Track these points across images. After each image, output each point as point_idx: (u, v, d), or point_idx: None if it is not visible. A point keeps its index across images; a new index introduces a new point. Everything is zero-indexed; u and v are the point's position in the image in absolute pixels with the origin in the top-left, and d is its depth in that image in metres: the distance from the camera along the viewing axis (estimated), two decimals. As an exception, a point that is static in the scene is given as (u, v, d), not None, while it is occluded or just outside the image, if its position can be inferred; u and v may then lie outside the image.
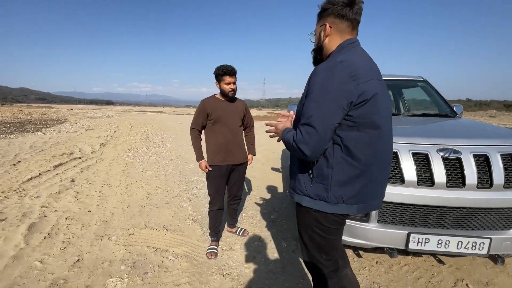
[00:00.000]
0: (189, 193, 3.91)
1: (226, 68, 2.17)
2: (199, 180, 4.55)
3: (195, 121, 2.29)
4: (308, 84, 1.08)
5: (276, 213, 3.21)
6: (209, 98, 2.32)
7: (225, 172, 2.34)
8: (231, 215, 2.65)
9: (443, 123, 2.44)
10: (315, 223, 1.15)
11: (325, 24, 1.13)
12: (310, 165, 1.11)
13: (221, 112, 2.25)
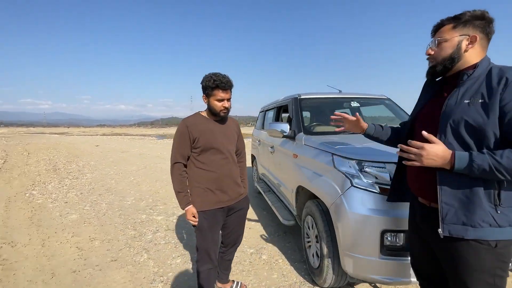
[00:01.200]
0: (141, 240, 2.99)
1: (219, 80, 1.58)
2: (150, 220, 3.61)
3: (177, 152, 1.65)
4: (505, 92, 0.92)
5: (267, 251, 2.72)
6: (192, 118, 1.69)
7: (221, 218, 1.74)
8: (224, 267, 2.01)
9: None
10: (499, 262, 0.97)
11: (474, 36, 1.03)
12: (494, 188, 0.95)
13: (211, 136, 1.67)
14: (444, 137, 1.01)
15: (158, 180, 6.07)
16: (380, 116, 3.53)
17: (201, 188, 1.67)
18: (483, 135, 0.94)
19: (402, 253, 1.58)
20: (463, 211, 0.97)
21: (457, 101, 1.02)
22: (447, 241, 1.02)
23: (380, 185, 1.64)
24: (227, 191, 1.72)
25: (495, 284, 0.99)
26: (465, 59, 1.05)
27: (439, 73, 1.12)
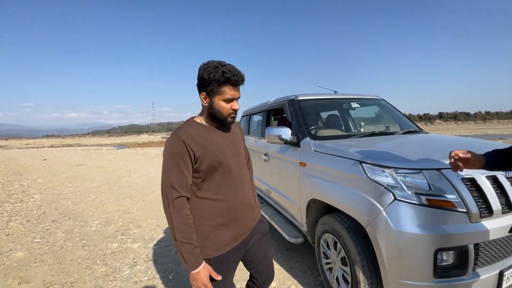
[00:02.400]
0: (116, 279, 2.40)
1: (230, 72, 1.11)
2: (124, 250, 3.00)
3: (174, 182, 1.08)
4: None
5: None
6: (187, 128, 1.17)
7: (238, 258, 1.30)
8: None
9: (438, 139, 2.38)
10: None
11: None
12: None
13: (217, 151, 1.18)
14: None
15: (126, 197, 5.31)
16: (374, 117, 3.43)
17: (211, 226, 1.17)
18: None
19: (455, 273, 1.36)
20: None
21: None
22: None
23: (426, 196, 1.41)
24: (243, 221, 1.28)
25: None
26: None
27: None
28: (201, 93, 1.18)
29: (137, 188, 6.17)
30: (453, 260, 1.36)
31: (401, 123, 2.96)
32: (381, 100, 3.22)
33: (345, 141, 2.23)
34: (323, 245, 2.03)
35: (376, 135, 2.47)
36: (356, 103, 2.99)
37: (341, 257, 1.80)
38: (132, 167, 9.91)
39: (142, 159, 12.99)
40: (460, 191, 1.39)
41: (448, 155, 1.19)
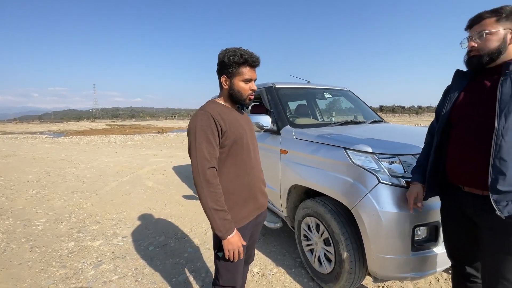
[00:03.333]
0: (80, 280, 2.13)
1: (248, 54, 1.21)
2: (84, 249, 2.68)
3: (206, 153, 1.12)
4: None
5: (255, 261, 2.36)
6: (212, 105, 1.23)
7: (249, 233, 1.35)
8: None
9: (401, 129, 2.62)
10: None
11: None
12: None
13: (240, 129, 1.25)
14: (504, 122, 1.03)
15: (75, 191, 4.72)
16: (341, 108, 3.64)
17: (233, 200, 1.24)
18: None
19: (428, 246, 1.55)
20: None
21: (509, 92, 1.04)
22: (502, 221, 1.06)
23: (404, 179, 1.56)
24: (258, 197, 1.35)
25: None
26: (509, 51, 1.09)
27: (484, 63, 1.13)
28: (222, 76, 1.26)
29: (87, 181, 5.54)
30: (427, 234, 1.56)
31: (366, 113, 3.21)
32: (348, 91, 3.42)
33: (324, 129, 2.33)
34: (304, 228, 2.12)
35: (349, 123, 2.64)
36: (328, 93, 3.13)
37: (324, 238, 1.90)
38: (76, 157, 8.82)
39: (87, 148, 11.65)
40: (432, 173, 1.57)
41: (416, 141, 1.51)
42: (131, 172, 6.34)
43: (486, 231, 1.16)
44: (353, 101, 3.38)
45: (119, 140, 15.57)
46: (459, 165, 1.22)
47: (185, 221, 3.34)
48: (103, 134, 22.60)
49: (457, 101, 1.24)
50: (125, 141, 14.88)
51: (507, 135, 1.03)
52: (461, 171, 1.21)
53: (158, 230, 3.07)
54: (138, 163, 7.57)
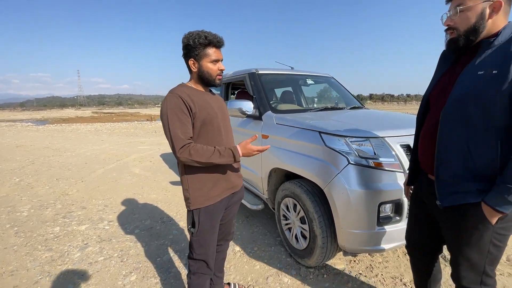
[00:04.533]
0: (66, 262, 2.19)
1: (211, 35, 1.24)
2: (70, 233, 2.72)
3: (180, 131, 1.18)
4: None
5: (237, 241, 2.47)
6: (181, 88, 1.27)
7: (222, 211, 1.42)
8: (218, 269, 1.68)
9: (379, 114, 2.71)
10: (495, 234, 0.99)
11: (499, 1, 0.92)
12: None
13: (210, 109, 1.30)
14: (450, 108, 0.98)
15: (60, 179, 4.69)
16: (326, 94, 3.71)
17: (204, 179, 1.31)
18: (492, 110, 0.90)
19: (392, 221, 1.68)
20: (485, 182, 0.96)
21: (471, 71, 0.95)
22: (448, 212, 1.07)
23: (372, 160, 1.67)
24: (230, 177, 1.42)
25: (489, 251, 1.01)
26: (488, 28, 0.96)
27: (462, 47, 1.02)
28: (189, 59, 1.28)
29: (72, 168, 5.49)
30: (391, 211, 1.68)
31: (347, 99, 3.29)
32: (331, 78, 3.48)
33: (304, 114, 2.40)
34: (283, 208, 2.23)
35: (329, 109, 2.72)
36: (311, 79, 3.18)
37: (300, 217, 2.02)
38: (61, 145, 8.65)
39: (72, 136, 11.40)
40: (398, 155, 1.68)
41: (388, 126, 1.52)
42: (118, 159, 6.30)
43: (440, 221, 1.16)
44: (335, 88, 3.45)
45: (106, 128, 15.26)
46: (423, 151, 1.19)
47: (172, 205, 3.41)
48: (89, 122, 22.02)
49: (436, 85, 1.16)
50: (112, 129, 14.60)
51: (452, 122, 0.98)
52: (424, 158, 1.18)
53: (144, 214, 3.13)
54: (125, 150, 7.51)
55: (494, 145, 0.92)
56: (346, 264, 2.11)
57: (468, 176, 0.98)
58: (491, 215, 0.94)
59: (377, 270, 2.03)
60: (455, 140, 0.98)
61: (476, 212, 0.97)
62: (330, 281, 1.92)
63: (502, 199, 0.89)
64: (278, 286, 1.89)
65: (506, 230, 1.00)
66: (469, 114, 0.94)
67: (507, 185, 0.88)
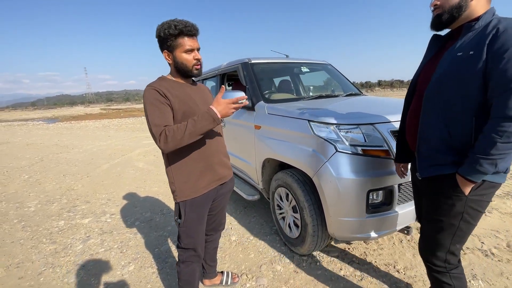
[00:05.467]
0: (69, 254, 2.28)
1: (182, 24, 1.19)
2: (74, 226, 2.82)
3: (158, 121, 1.15)
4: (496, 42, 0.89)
5: (234, 231, 2.51)
6: (159, 81, 1.26)
7: (209, 203, 1.43)
8: (210, 258, 1.72)
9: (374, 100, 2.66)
10: (469, 208, 1.05)
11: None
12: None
13: (190, 102, 1.28)
14: (431, 89, 1.05)
15: (67, 175, 4.83)
16: (322, 83, 3.64)
17: (189, 171, 1.30)
18: (468, 88, 0.95)
19: (382, 209, 1.66)
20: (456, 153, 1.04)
21: (451, 53, 1.01)
22: (427, 184, 1.15)
23: (361, 147, 1.64)
24: (217, 169, 1.41)
25: (459, 227, 1.08)
26: (471, 9, 1.01)
27: (445, 22, 1.07)
28: (163, 51, 1.26)
29: (78, 164, 5.63)
30: (381, 198, 1.66)
31: (345, 86, 3.22)
32: (328, 65, 3.40)
33: (296, 103, 2.37)
34: (277, 198, 2.24)
35: (323, 97, 2.67)
36: (306, 67, 3.12)
37: (292, 206, 2.02)
38: (69, 142, 8.87)
39: (81, 133, 11.66)
40: (389, 142, 1.64)
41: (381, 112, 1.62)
42: (123, 154, 6.42)
43: (422, 195, 1.25)
44: (333, 75, 3.38)
45: (113, 124, 15.51)
46: (409, 131, 1.27)
47: (172, 198, 3.46)
48: (98, 119, 22.41)
49: (423, 68, 1.22)
50: (119, 125, 14.83)
51: (433, 101, 1.05)
52: (411, 137, 1.26)
53: (145, 207, 3.20)
54: (131, 145, 7.63)
55: (469, 121, 0.99)
56: (340, 251, 2.12)
57: (445, 149, 1.05)
58: (464, 185, 1.01)
59: (371, 258, 2.02)
60: (435, 117, 1.05)
61: (451, 182, 1.04)
62: (322, 268, 1.93)
63: (473, 169, 0.96)
64: (271, 274, 1.91)
65: (479, 205, 1.06)
66: (448, 93, 1.01)
67: (477, 155, 0.94)
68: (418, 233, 2.23)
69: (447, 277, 1.16)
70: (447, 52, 1.04)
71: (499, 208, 2.65)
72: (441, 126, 1.04)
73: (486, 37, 0.91)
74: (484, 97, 0.94)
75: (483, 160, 0.92)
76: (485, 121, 0.94)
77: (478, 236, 2.20)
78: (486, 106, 0.95)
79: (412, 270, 1.87)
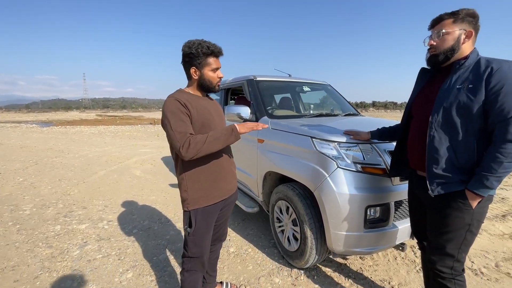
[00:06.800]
0: (65, 259, 2.27)
1: (213, 45, 1.33)
2: (70, 231, 2.80)
3: (181, 129, 1.23)
4: (492, 78, 1.08)
5: (232, 243, 2.53)
6: (179, 93, 1.35)
7: (217, 213, 1.49)
8: (211, 268, 1.75)
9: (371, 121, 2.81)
10: (475, 221, 1.20)
11: (470, 31, 1.19)
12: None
13: (208, 114, 1.38)
14: (436, 116, 1.21)
15: (62, 179, 4.79)
16: (321, 102, 3.80)
17: (205, 181, 1.38)
18: (470, 115, 1.13)
19: (379, 224, 1.74)
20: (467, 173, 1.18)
21: (450, 87, 1.19)
22: (437, 200, 1.26)
23: (361, 165, 1.74)
24: (229, 179, 1.50)
25: (466, 237, 1.22)
26: (461, 50, 1.21)
27: (440, 62, 1.26)
28: (191, 67, 1.34)
29: (74, 169, 5.59)
30: (378, 214, 1.74)
31: (343, 106, 3.38)
32: (328, 85, 3.57)
33: (298, 120, 2.48)
34: (277, 211, 2.30)
35: (324, 116, 2.80)
36: (308, 87, 3.28)
37: (292, 219, 2.08)
38: (64, 147, 8.80)
39: (76, 138, 11.57)
40: (386, 160, 1.75)
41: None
42: (120, 161, 6.41)
43: (429, 210, 1.36)
44: (332, 95, 3.54)
45: (109, 131, 15.44)
46: (412, 152, 1.42)
47: (170, 207, 3.48)
48: (93, 125, 22.28)
49: (417, 96, 1.41)
50: (115, 132, 14.78)
51: (439, 127, 1.20)
52: (414, 158, 1.41)
53: (143, 215, 3.20)
54: (127, 153, 7.62)
55: (472, 144, 1.15)
56: (337, 266, 2.16)
57: (453, 169, 1.19)
58: (473, 199, 1.15)
59: (367, 273, 2.07)
60: (442, 141, 1.20)
61: (460, 198, 1.18)
62: (320, 282, 1.97)
63: (481, 184, 1.11)
64: (269, 286, 1.94)
65: (481, 217, 1.21)
66: (453, 120, 1.16)
67: (483, 173, 1.09)
68: (412, 251, 2.31)
69: (452, 283, 1.27)
70: (445, 84, 1.21)
71: (488, 229, 2.75)
72: (448, 149, 1.19)
73: (483, 74, 1.10)
74: (483, 123, 1.12)
75: (491, 177, 1.08)
76: (484, 143, 1.13)
77: (469, 256, 2.28)
78: (485, 130, 1.13)
79: (406, 286, 1.92)
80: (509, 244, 2.47)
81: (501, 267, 2.13)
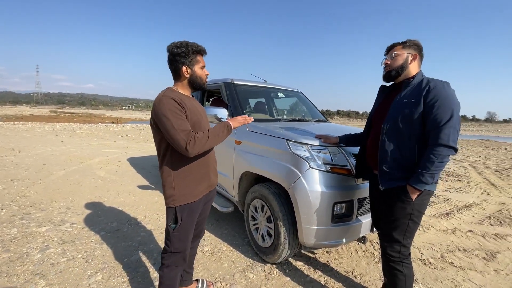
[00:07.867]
0: (26, 263, 2.10)
1: (198, 46, 1.42)
2: (29, 234, 2.58)
3: (183, 126, 1.28)
4: (429, 94, 1.35)
5: (207, 242, 2.56)
6: (171, 92, 1.37)
7: (201, 207, 1.56)
8: (189, 265, 1.76)
9: (339, 127, 3.06)
10: (415, 211, 1.44)
11: (415, 54, 1.50)
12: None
13: (198, 113, 1.45)
14: (387, 124, 1.48)
15: (15, 179, 4.37)
16: (293, 108, 4.01)
17: (192, 177, 1.44)
18: (412, 124, 1.39)
19: (345, 219, 1.94)
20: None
21: (399, 101, 1.48)
22: (386, 194, 1.52)
23: (329, 165, 1.92)
24: (211, 176, 1.57)
25: (408, 225, 1.47)
26: (409, 69, 1.51)
27: (393, 77, 1.56)
28: (183, 66, 1.39)
29: (28, 169, 5.11)
30: (344, 210, 1.93)
31: (313, 113, 3.62)
32: (300, 93, 3.80)
33: (274, 124, 2.63)
34: (252, 210, 2.40)
35: (296, 121, 2.99)
36: (282, 93, 3.46)
37: (267, 217, 2.20)
38: (14, 145, 7.95)
39: (27, 135, 10.50)
40: (351, 162, 1.96)
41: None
42: (81, 162, 6.00)
43: (380, 203, 1.62)
44: (303, 102, 3.77)
45: (65, 129, 14.25)
46: (370, 154, 1.67)
47: (139, 209, 3.38)
48: (47, 122, 20.33)
49: (376, 109, 1.69)
50: (73, 130, 13.68)
51: (388, 133, 1.47)
52: (371, 159, 1.66)
53: (110, 217, 3.08)
54: (89, 153, 7.15)
55: (413, 147, 1.41)
56: (306, 260, 2.32)
57: (398, 168, 1.45)
58: (412, 192, 1.40)
59: (333, 265, 2.27)
60: (391, 145, 1.47)
61: (402, 192, 1.43)
62: (291, 275, 2.11)
63: (418, 180, 1.35)
64: (244, 281, 2.03)
65: (421, 208, 1.45)
66: (399, 127, 1.43)
67: (420, 170, 1.34)
68: (372, 245, 2.57)
69: (400, 265, 1.51)
70: (396, 100, 1.49)
71: (435, 226, 3.15)
72: (395, 151, 1.45)
73: (423, 91, 1.38)
74: (422, 130, 1.38)
75: (426, 174, 1.32)
76: (423, 146, 1.38)
77: (418, 248, 2.60)
78: (423, 136, 1.39)
79: (367, 276, 2.15)
80: (452, 238, 2.86)
81: (446, 258, 2.47)
